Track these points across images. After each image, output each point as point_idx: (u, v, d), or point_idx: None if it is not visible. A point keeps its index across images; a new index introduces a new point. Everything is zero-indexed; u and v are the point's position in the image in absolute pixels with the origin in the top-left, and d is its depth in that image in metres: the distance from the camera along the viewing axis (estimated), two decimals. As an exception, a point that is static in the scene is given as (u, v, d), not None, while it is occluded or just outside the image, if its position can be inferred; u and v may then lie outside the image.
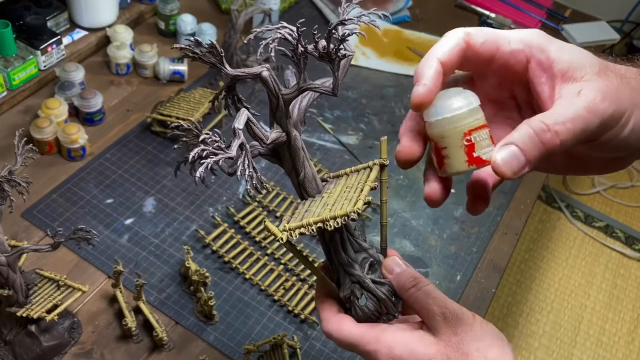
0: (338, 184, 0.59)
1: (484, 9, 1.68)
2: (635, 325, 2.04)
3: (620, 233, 2.29)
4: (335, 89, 0.51)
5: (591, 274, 2.16)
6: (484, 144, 0.46)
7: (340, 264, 0.58)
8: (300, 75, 0.50)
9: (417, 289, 0.54)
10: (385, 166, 0.57)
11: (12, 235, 0.97)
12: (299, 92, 0.52)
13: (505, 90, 0.51)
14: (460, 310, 0.51)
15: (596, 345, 1.97)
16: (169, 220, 1.04)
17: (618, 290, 2.13)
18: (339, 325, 0.56)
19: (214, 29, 1.35)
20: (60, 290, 0.82)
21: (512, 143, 0.44)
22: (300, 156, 0.55)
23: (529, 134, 0.43)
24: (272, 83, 0.51)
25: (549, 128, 0.43)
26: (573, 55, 0.45)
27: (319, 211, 0.54)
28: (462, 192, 1.19)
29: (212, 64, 0.49)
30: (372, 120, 1.30)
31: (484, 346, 0.50)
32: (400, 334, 0.52)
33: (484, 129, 0.46)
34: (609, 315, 2.06)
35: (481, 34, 0.48)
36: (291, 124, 0.53)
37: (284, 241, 0.52)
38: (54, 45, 1.19)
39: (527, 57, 0.46)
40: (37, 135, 1.06)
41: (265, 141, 0.52)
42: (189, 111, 1.13)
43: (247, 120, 0.49)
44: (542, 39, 0.46)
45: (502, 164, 0.44)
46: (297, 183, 0.57)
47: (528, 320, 1.99)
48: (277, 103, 0.52)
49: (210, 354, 0.88)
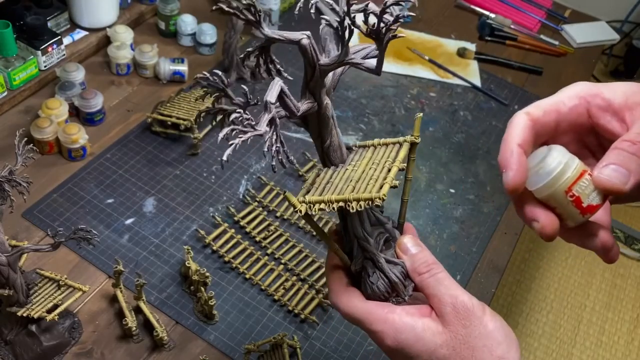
0: (364, 156, 0.57)
1: (483, 10, 1.68)
2: (635, 325, 2.04)
3: (620, 233, 2.29)
4: (379, 68, 0.50)
5: (591, 274, 2.16)
6: (588, 191, 0.47)
7: (355, 236, 0.56)
8: (343, 49, 0.49)
9: (430, 275, 0.54)
10: (417, 144, 0.56)
11: (13, 235, 0.97)
12: (339, 65, 0.50)
13: (577, 144, 0.54)
14: (471, 303, 0.51)
15: (596, 345, 1.97)
16: (169, 220, 1.04)
17: (617, 290, 2.13)
18: (348, 298, 0.55)
19: (214, 29, 1.35)
20: (61, 290, 0.82)
21: (609, 163, 0.46)
22: (329, 124, 0.54)
23: (619, 153, 0.46)
24: (311, 52, 0.49)
25: (633, 142, 0.46)
26: (623, 88, 0.49)
27: (341, 186, 0.52)
28: (462, 192, 1.19)
29: (248, 21, 0.47)
30: (372, 120, 1.30)
31: (492, 343, 0.50)
32: (408, 318, 0.52)
33: (583, 177, 0.47)
34: (608, 315, 2.06)
35: (539, 107, 0.51)
36: (324, 93, 0.52)
37: (302, 213, 0.51)
38: (54, 46, 1.19)
39: (586, 108, 0.50)
40: (38, 135, 1.06)
41: (296, 114, 0.50)
42: (190, 111, 1.14)
43: (281, 91, 0.47)
44: (590, 87, 0.50)
45: (609, 179, 0.46)
46: (322, 150, 0.56)
47: (528, 320, 1.99)
48: (312, 73, 0.50)
49: (210, 354, 0.88)
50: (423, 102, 1.38)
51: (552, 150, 0.48)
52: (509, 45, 1.61)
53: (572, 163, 0.47)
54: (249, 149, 1.18)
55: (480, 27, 1.63)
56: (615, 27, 1.91)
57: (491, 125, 1.36)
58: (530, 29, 1.67)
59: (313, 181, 0.55)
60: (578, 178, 0.47)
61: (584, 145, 0.54)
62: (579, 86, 0.51)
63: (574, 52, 1.63)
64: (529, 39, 1.63)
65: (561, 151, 0.48)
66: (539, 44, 1.62)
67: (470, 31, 1.63)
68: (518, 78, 1.51)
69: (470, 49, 1.54)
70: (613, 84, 0.50)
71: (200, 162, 1.14)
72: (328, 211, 0.51)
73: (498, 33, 1.62)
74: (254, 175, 1.14)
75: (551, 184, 0.47)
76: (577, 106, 0.50)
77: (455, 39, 1.59)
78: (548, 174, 0.47)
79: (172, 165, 1.12)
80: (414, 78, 1.43)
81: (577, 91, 0.50)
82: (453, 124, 1.34)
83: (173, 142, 1.16)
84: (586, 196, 0.47)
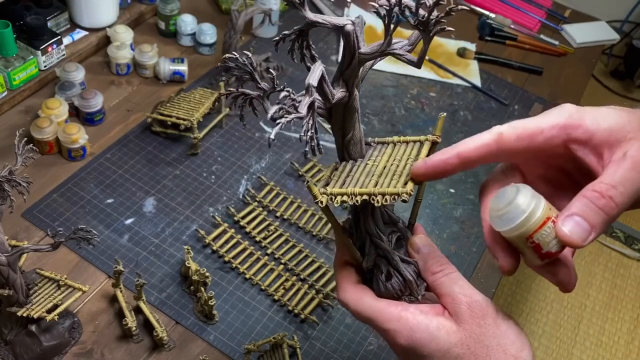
0: (384, 152, 0.56)
1: (484, 9, 1.68)
2: (635, 325, 2.04)
3: (620, 233, 2.29)
4: (421, 61, 0.49)
5: (591, 273, 2.16)
6: (548, 240, 0.47)
7: (368, 233, 0.56)
8: (386, 39, 0.48)
9: (443, 274, 0.53)
10: (437, 143, 0.55)
11: (13, 235, 0.97)
12: (380, 55, 0.49)
13: (552, 168, 0.53)
14: (485, 302, 0.51)
15: (596, 345, 1.97)
16: (169, 220, 1.04)
17: (618, 290, 2.13)
18: (358, 296, 0.54)
19: (214, 29, 1.35)
20: (61, 290, 0.82)
21: (573, 214, 0.45)
22: (353, 117, 0.53)
23: (586, 204, 0.45)
24: (354, 39, 0.48)
25: (602, 195, 0.45)
26: (609, 121, 0.47)
27: (362, 179, 0.52)
28: (462, 192, 1.19)
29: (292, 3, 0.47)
30: (372, 120, 1.30)
31: (505, 342, 0.50)
32: (422, 317, 0.51)
33: (546, 225, 0.47)
34: (608, 315, 2.06)
35: (513, 132, 0.50)
36: (356, 83, 0.51)
37: (323, 205, 0.50)
38: (54, 46, 1.19)
39: (563, 140, 0.48)
40: (38, 135, 1.06)
41: (331, 100, 0.50)
42: (190, 111, 1.13)
43: (321, 76, 0.47)
44: (573, 115, 0.48)
45: (570, 235, 0.45)
46: (342, 143, 0.55)
47: (528, 320, 1.99)
48: (350, 61, 0.49)
49: (210, 354, 0.88)
50: (423, 102, 1.38)
51: (519, 194, 0.47)
52: (509, 45, 1.61)
53: (536, 210, 0.47)
54: (249, 149, 1.18)
55: (480, 27, 1.63)
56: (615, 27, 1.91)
57: (491, 125, 1.34)
58: (530, 29, 1.67)
59: (332, 173, 0.55)
60: (540, 226, 0.46)
61: (560, 168, 0.53)
62: (563, 112, 0.49)
63: (574, 52, 1.63)
64: (529, 39, 1.63)
65: (527, 196, 0.47)
66: (539, 44, 1.62)
67: (470, 31, 1.63)
68: (518, 78, 1.51)
69: (470, 49, 1.54)
70: (601, 113, 0.48)
71: (200, 162, 1.14)
72: (351, 204, 0.50)
73: (498, 33, 1.62)
74: (254, 175, 1.14)
75: (514, 230, 0.47)
76: (555, 138, 0.48)
77: (455, 39, 1.59)
78: (512, 221, 0.47)
79: (172, 165, 1.12)
80: (414, 78, 1.43)
81: (559, 121, 0.48)
82: (453, 124, 1.34)
83: (173, 142, 1.16)
84: (546, 244, 0.47)
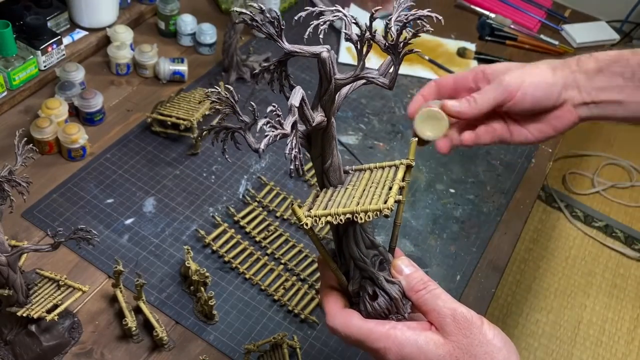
0: (362, 177, 0.58)
1: (483, 9, 1.68)
2: (635, 325, 2.04)
3: (620, 233, 2.29)
4: (392, 82, 0.52)
5: (591, 273, 2.16)
6: None
7: (351, 257, 0.57)
8: (359, 64, 0.49)
9: (427, 291, 0.55)
10: (412, 167, 0.57)
11: (13, 235, 0.97)
12: (354, 80, 0.51)
13: None
14: (469, 314, 0.53)
15: (596, 345, 1.97)
16: (169, 220, 1.04)
17: (618, 290, 2.13)
18: (346, 320, 0.56)
19: (214, 29, 1.35)
20: (61, 290, 0.82)
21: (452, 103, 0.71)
22: (331, 144, 0.55)
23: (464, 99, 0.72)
24: (330, 65, 0.50)
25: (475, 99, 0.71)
26: (501, 67, 0.73)
27: (344, 202, 0.53)
28: (462, 192, 1.19)
29: (269, 36, 0.48)
30: (372, 120, 1.30)
31: (492, 350, 0.51)
32: (410, 332, 0.53)
33: None
34: (608, 315, 2.06)
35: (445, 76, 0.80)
36: (333, 110, 0.53)
37: (308, 227, 0.52)
38: (54, 46, 1.19)
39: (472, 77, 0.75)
40: (38, 135, 1.06)
41: (311, 123, 0.52)
42: (189, 111, 1.13)
43: (301, 99, 0.48)
44: (483, 66, 0.75)
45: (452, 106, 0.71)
46: (322, 170, 0.57)
47: (528, 320, 1.99)
48: (327, 87, 0.51)
49: (210, 354, 0.88)
50: (423, 102, 1.38)
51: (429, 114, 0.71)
52: (509, 45, 1.61)
53: None
54: (249, 149, 1.17)
55: (480, 27, 1.63)
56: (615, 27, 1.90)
57: (491, 125, 1.35)
58: (530, 29, 1.67)
59: (313, 200, 0.56)
60: None
61: None
62: (480, 66, 0.75)
63: (574, 52, 1.63)
64: (529, 39, 1.63)
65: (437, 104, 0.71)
66: (539, 44, 1.62)
67: (470, 31, 1.63)
68: (518, 78, 1.51)
69: (470, 49, 1.54)
70: (498, 64, 0.74)
71: (200, 162, 1.14)
72: (335, 223, 0.52)
73: (498, 33, 1.62)
74: (254, 175, 1.14)
75: None
76: (467, 75, 0.75)
77: (455, 39, 1.59)
78: None
79: (172, 165, 1.12)
80: (414, 78, 1.43)
81: (474, 68, 0.75)
82: (453, 124, 1.34)
83: (173, 142, 1.16)
84: None
